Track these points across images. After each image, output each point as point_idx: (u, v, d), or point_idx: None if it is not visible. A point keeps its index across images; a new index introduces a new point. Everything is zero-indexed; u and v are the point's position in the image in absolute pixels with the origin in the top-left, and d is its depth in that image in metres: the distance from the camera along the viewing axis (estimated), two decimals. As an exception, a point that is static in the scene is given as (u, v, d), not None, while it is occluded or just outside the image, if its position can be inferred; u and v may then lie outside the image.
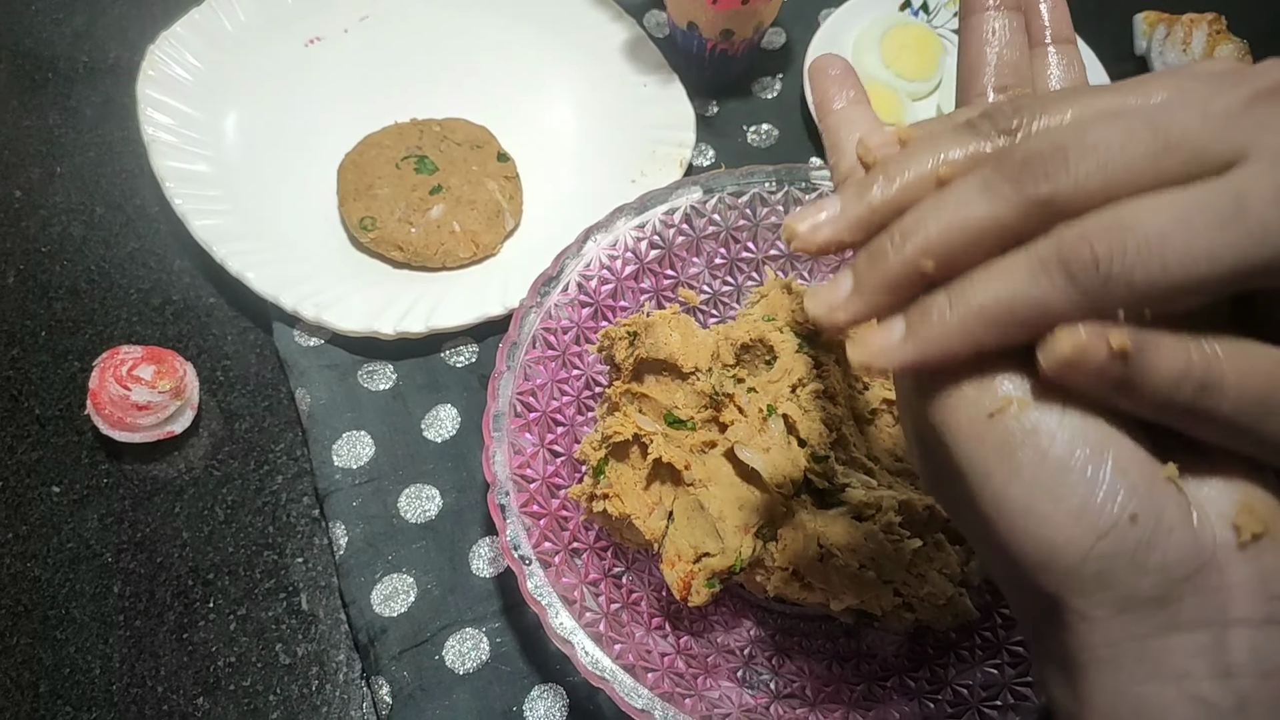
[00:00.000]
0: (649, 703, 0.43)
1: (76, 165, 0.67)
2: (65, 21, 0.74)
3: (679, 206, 0.57)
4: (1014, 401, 0.26)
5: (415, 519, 0.54)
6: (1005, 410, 0.26)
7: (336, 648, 0.52)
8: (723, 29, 0.67)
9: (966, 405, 0.27)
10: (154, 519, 0.55)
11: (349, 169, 0.63)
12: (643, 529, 0.47)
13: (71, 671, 0.51)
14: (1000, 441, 0.26)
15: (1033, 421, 0.26)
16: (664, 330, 0.49)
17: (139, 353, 0.55)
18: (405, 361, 0.59)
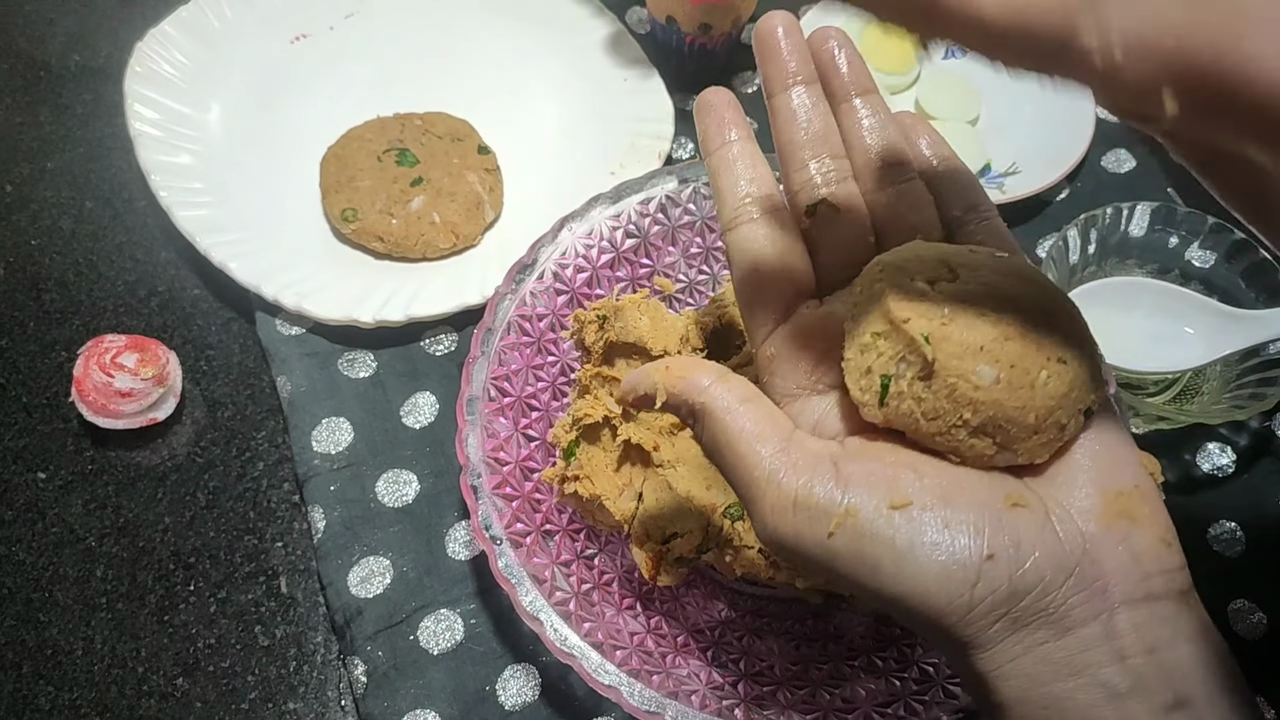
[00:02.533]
0: (616, 679, 0.43)
1: (66, 161, 0.69)
2: (57, 22, 0.75)
3: (654, 196, 0.58)
4: (844, 514, 0.28)
5: (392, 503, 0.55)
6: (842, 524, 0.28)
7: (314, 629, 0.53)
8: (701, 23, 0.68)
9: (809, 535, 0.29)
10: (137, 504, 0.56)
11: (331, 162, 0.64)
12: (613, 510, 0.48)
13: (54, 653, 0.52)
14: (850, 551, 0.29)
15: (868, 523, 0.28)
16: (633, 314, 0.49)
17: (123, 341, 0.56)
18: (385, 350, 0.60)
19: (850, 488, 0.29)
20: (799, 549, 0.29)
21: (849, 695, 0.47)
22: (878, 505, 0.28)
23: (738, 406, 0.31)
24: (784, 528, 0.29)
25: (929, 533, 0.28)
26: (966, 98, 0.72)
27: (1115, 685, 0.27)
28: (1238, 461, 0.59)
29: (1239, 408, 0.55)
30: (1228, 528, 0.57)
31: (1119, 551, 0.28)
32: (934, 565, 0.28)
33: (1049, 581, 0.28)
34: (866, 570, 0.28)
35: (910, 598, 0.28)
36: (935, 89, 0.73)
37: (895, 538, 0.28)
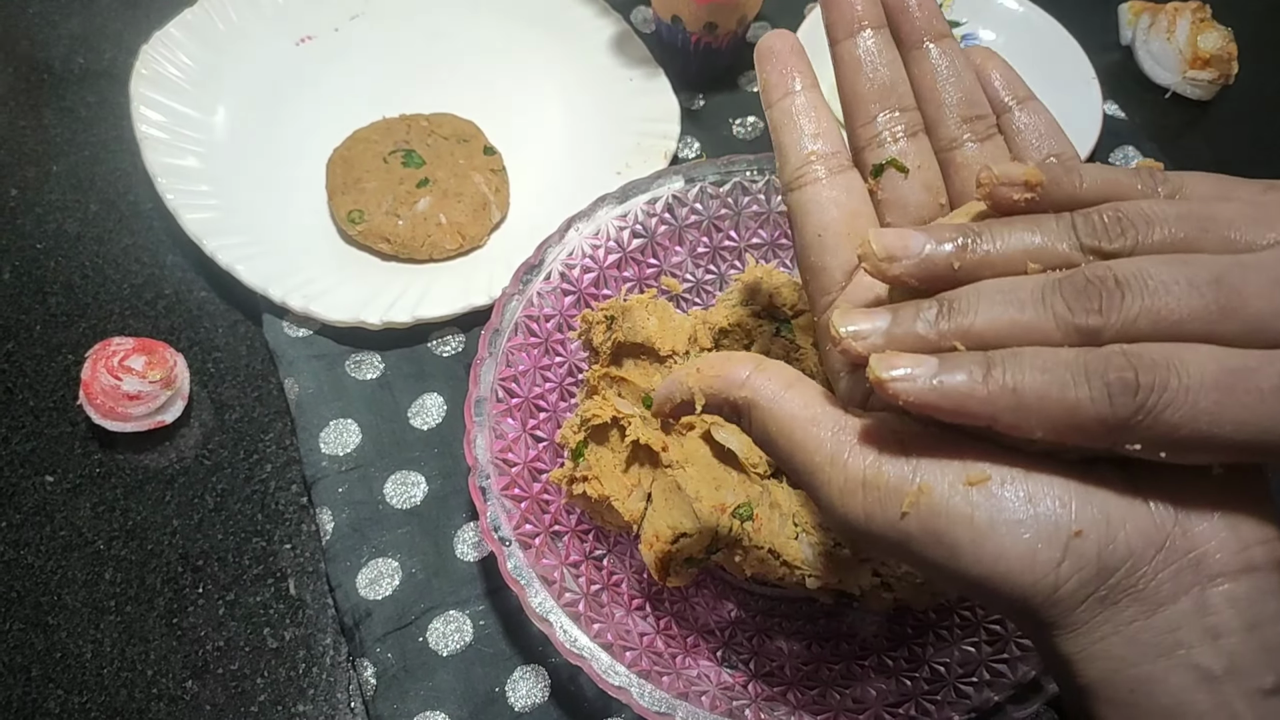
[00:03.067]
0: (626, 680, 0.43)
1: (71, 164, 0.69)
2: (61, 24, 0.75)
3: (661, 196, 0.58)
4: (918, 492, 0.27)
5: (401, 504, 0.55)
6: (916, 504, 0.27)
7: (323, 631, 0.53)
8: (706, 22, 0.68)
9: (880, 517, 0.28)
10: (145, 507, 0.56)
11: (337, 163, 0.64)
12: (622, 510, 0.48)
13: (63, 656, 0.52)
14: (926, 532, 0.27)
15: (943, 501, 0.27)
16: (641, 314, 0.49)
17: (130, 344, 0.56)
18: (392, 351, 0.60)
19: (921, 464, 0.27)
20: (871, 532, 0.28)
21: (860, 695, 0.47)
22: (953, 482, 0.27)
23: (783, 393, 0.30)
24: (854, 510, 0.28)
25: (1011, 509, 0.26)
26: (973, 95, 0.72)
27: (1209, 668, 0.26)
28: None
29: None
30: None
31: (1214, 521, 0.27)
32: (1018, 544, 0.26)
33: (1138, 557, 0.26)
34: (944, 552, 0.27)
35: (992, 579, 0.27)
36: (941, 87, 0.72)
37: (974, 515, 0.27)
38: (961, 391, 0.26)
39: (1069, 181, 0.29)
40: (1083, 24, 0.74)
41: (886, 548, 0.28)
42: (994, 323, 0.27)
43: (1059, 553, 0.26)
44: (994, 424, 0.26)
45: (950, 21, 0.75)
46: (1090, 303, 0.26)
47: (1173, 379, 0.25)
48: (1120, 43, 0.79)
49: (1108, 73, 0.74)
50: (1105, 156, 0.71)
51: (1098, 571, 0.26)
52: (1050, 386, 0.25)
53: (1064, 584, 0.26)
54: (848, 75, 0.35)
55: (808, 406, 0.30)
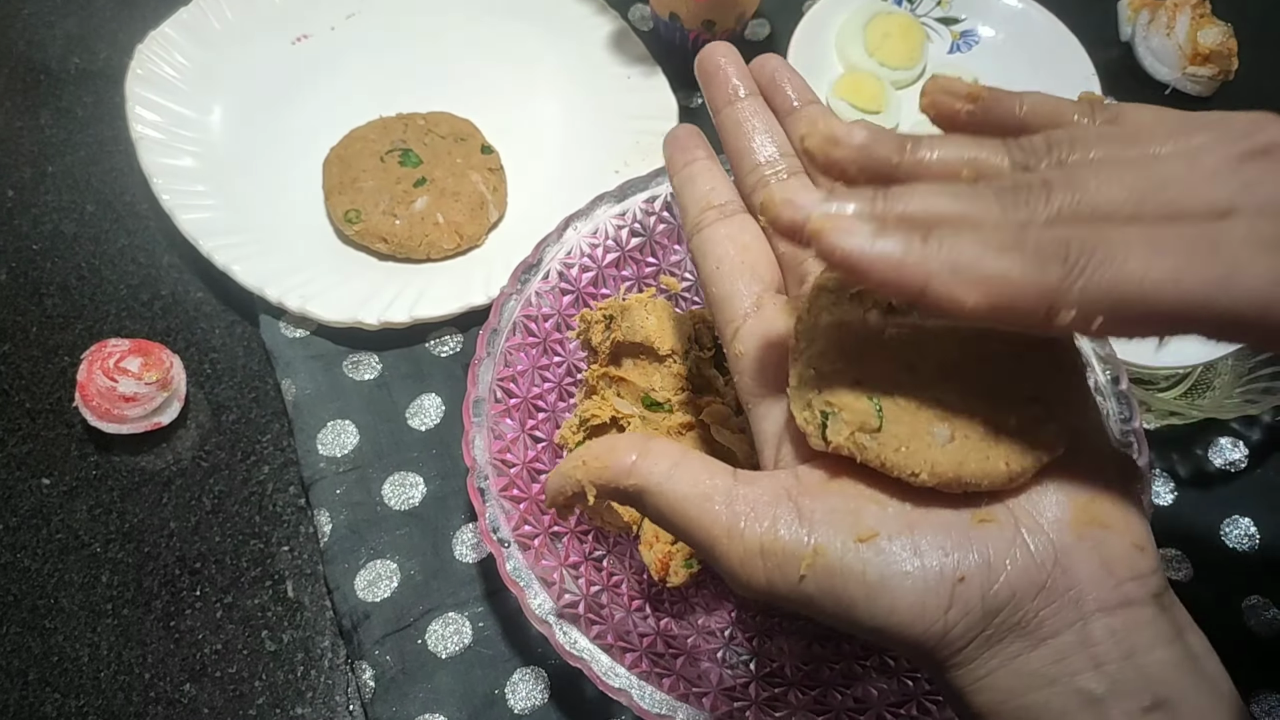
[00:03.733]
0: (626, 682, 0.43)
1: (67, 164, 0.68)
2: (57, 24, 0.75)
3: (660, 194, 0.57)
4: (812, 553, 0.28)
5: (399, 506, 0.54)
6: (813, 565, 0.28)
7: (321, 634, 0.52)
8: (704, 20, 0.67)
9: (781, 582, 0.29)
10: (142, 510, 0.56)
11: (334, 163, 0.64)
12: (621, 511, 0.48)
13: (60, 659, 0.51)
14: (823, 590, 0.29)
15: (837, 560, 0.28)
16: (640, 313, 0.49)
17: (126, 345, 0.56)
18: (390, 352, 0.60)
19: (815, 525, 0.29)
20: (774, 595, 0.29)
21: (861, 695, 0.47)
22: (844, 540, 0.28)
23: (671, 473, 0.31)
24: (756, 578, 0.29)
25: (898, 562, 0.28)
26: (972, 92, 0.71)
27: (1091, 690, 0.27)
28: (1250, 456, 0.58)
29: (1251, 402, 0.55)
30: (1241, 523, 0.56)
31: (1091, 560, 0.28)
32: (907, 595, 0.28)
33: (1020, 596, 0.28)
34: (842, 608, 0.28)
35: (887, 629, 0.28)
36: (941, 84, 0.72)
37: (866, 572, 0.28)
38: (899, 251, 0.26)
39: (1009, 102, 0.31)
40: (1082, 20, 0.74)
41: (792, 607, 0.29)
42: (928, 209, 0.27)
43: (945, 600, 0.28)
44: (926, 289, 0.26)
45: (950, 18, 0.75)
46: (1019, 197, 0.27)
47: (1100, 243, 0.25)
48: (1120, 39, 0.78)
49: (1107, 69, 0.74)
50: (1105, 153, 0.71)
51: (983, 614, 0.28)
52: (985, 252, 0.26)
53: (952, 628, 0.28)
54: (730, 136, 0.39)
55: (697, 483, 0.31)
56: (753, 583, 0.29)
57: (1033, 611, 0.28)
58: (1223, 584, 0.55)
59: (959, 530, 0.29)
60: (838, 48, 0.73)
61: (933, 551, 0.28)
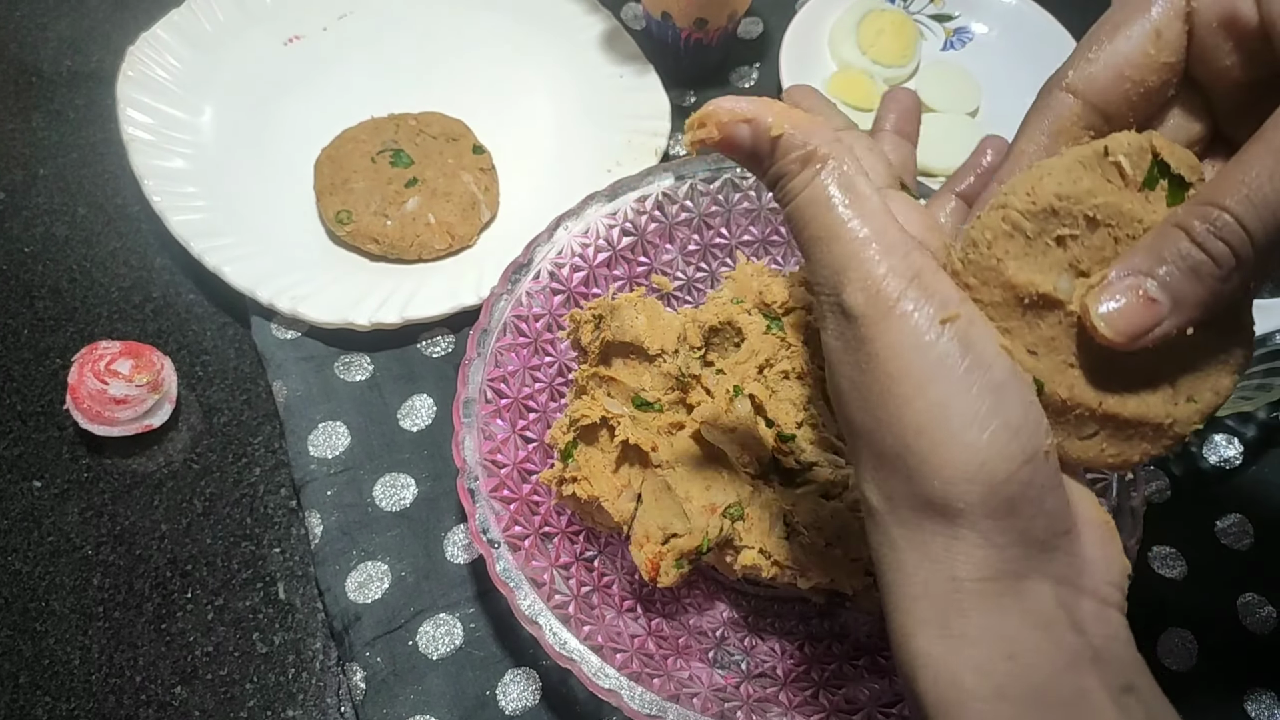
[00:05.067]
0: (616, 683, 0.43)
1: (59, 167, 0.68)
2: (49, 27, 0.75)
3: (651, 193, 0.57)
4: (960, 315, 0.27)
5: (390, 507, 0.54)
6: (954, 321, 0.27)
7: (313, 636, 0.52)
8: (696, 18, 0.67)
9: (915, 310, 0.27)
10: (133, 512, 0.55)
11: (325, 163, 0.64)
12: (612, 511, 0.47)
13: (51, 663, 0.51)
14: (942, 355, 0.26)
15: (978, 338, 0.27)
16: (630, 313, 0.49)
17: (117, 348, 0.56)
18: (382, 353, 0.60)
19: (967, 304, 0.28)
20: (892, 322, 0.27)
21: (852, 696, 0.46)
22: (990, 333, 0.28)
23: (859, 176, 0.28)
24: (893, 290, 0.27)
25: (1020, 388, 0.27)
26: (966, 90, 0.71)
27: (1078, 652, 0.27)
28: (1245, 453, 0.58)
29: (1246, 399, 0.54)
30: (1236, 520, 0.56)
31: (1094, 549, 0.29)
32: (1014, 416, 0.27)
33: (1053, 522, 0.27)
34: (942, 383, 0.26)
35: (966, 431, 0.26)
36: (935, 81, 0.72)
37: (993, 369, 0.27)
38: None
39: None
40: (1077, 16, 0.74)
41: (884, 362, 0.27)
42: None
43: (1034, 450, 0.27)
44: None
45: (944, 15, 0.75)
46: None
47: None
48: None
49: (1102, 65, 0.74)
50: (1100, 150, 0.71)
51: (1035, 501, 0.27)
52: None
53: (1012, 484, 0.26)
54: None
55: (872, 197, 0.28)
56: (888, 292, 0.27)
57: (1054, 545, 0.28)
58: (1218, 582, 0.54)
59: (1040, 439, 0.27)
60: (831, 45, 0.73)
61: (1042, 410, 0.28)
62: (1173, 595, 0.53)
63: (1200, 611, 0.53)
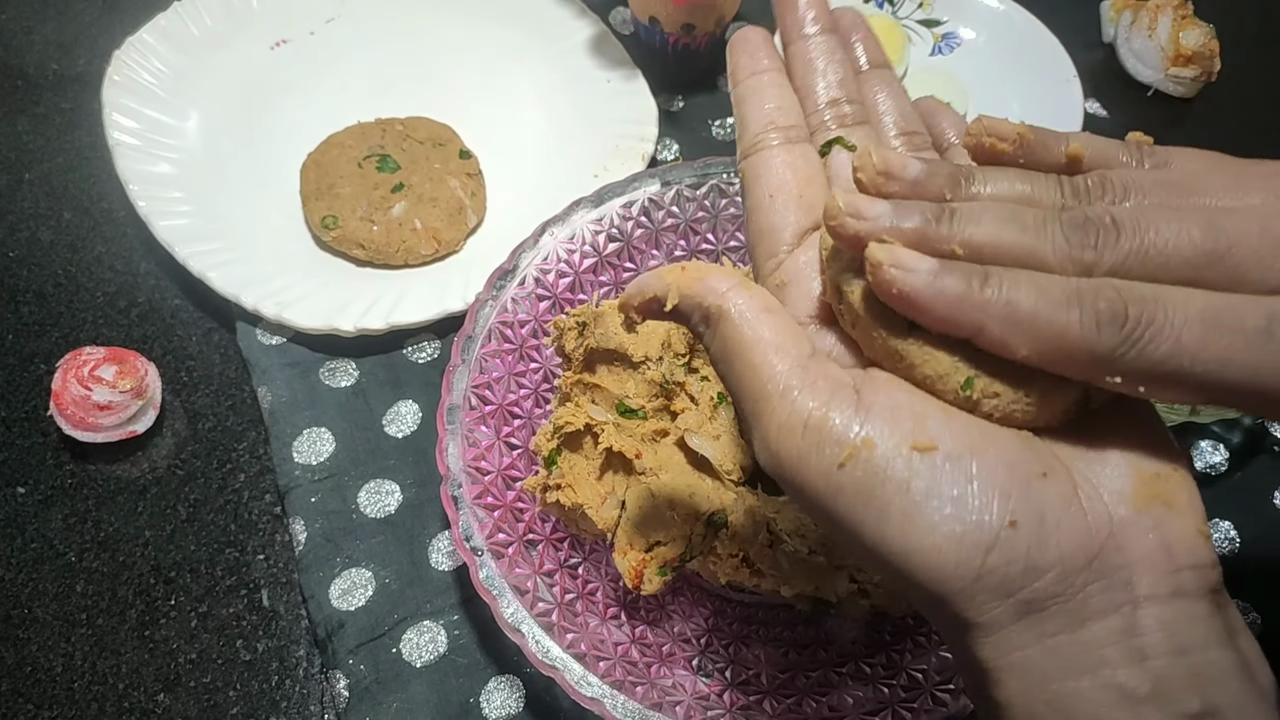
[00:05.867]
0: (599, 691, 0.43)
1: (45, 171, 0.68)
2: (35, 30, 0.75)
3: (637, 199, 0.57)
4: (859, 445, 0.26)
5: (375, 514, 0.54)
6: (855, 457, 0.26)
7: (297, 643, 0.52)
8: (683, 23, 0.67)
9: (815, 463, 0.27)
10: (117, 518, 0.55)
11: (311, 169, 0.63)
12: (596, 519, 0.47)
13: (33, 670, 0.51)
14: (859, 489, 0.26)
15: (884, 460, 0.26)
16: (614, 320, 0.49)
17: (101, 353, 0.56)
18: (367, 359, 0.59)
19: (871, 418, 0.26)
20: (801, 476, 0.27)
21: (836, 703, 0.46)
22: (899, 443, 0.26)
23: (759, 314, 0.29)
24: (788, 449, 0.27)
25: (950, 483, 0.26)
26: (954, 95, 0.71)
27: (1133, 689, 0.25)
28: (1231, 459, 0.58)
29: (1230, 405, 0.54)
30: (1221, 527, 0.56)
31: (1149, 539, 0.26)
32: (950, 520, 0.25)
33: (1068, 563, 0.25)
34: (872, 515, 0.26)
35: (916, 554, 0.26)
36: (922, 87, 0.72)
37: (912, 482, 0.26)
38: (957, 294, 0.26)
39: (1055, 143, 0.30)
40: (1064, 22, 0.74)
41: (813, 497, 0.27)
42: (995, 238, 0.27)
43: (989, 538, 0.25)
44: (980, 334, 0.26)
45: (931, 20, 0.75)
46: (1087, 237, 0.26)
47: (1159, 313, 0.25)
48: (1102, 40, 0.78)
49: (1089, 71, 0.74)
50: (1087, 155, 0.71)
51: (1025, 569, 0.25)
52: (1043, 306, 0.25)
53: (988, 575, 0.25)
54: (799, 71, 0.36)
55: (778, 334, 0.28)
56: (783, 454, 0.27)
57: (1079, 585, 0.25)
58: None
59: (1022, 474, 0.26)
60: (819, 50, 0.73)
61: (990, 485, 0.26)
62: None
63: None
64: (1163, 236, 0.26)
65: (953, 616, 0.26)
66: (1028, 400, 0.27)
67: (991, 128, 0.30)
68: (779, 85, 0.35)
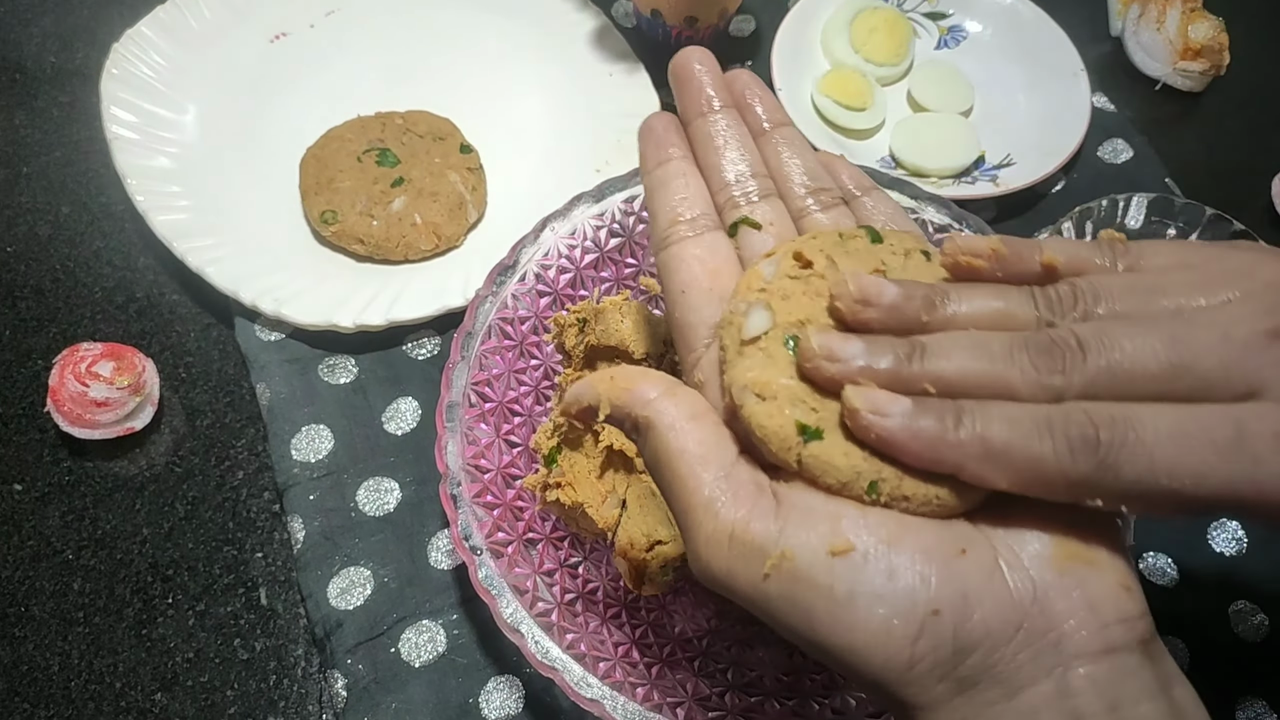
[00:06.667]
0: (599, 692, 0.42)
1: (43, 165, 0.68)
2: (33, 22, 0.74)
3: (639, 194, 0.56)
4: (781, 557, 0.27)
5: (374, 512, 0.54)
6: (778, 568, 0.27)
7: (295, 642, 0.52)
8: (686, 15, 0.67)
9: (743, 575, 0.27)
10: (115, 516, 0.55)
11: (310, 163, 0.63)
12: (596, 518, 0.47)
13: (30, 669, 0.51)
14: (785, 597, 0.27)
15: (805, 568, 0.27)
16: (614, 316, 0.48)
17: (98, 349, 0.55)
18: (367, 355, 0.59)
19: (789, 526, 0.27)
20: (732, 588, 0.28)
21: (840, 706, 0.46)
22: (816, 549, 0.27)
23: (683, 424, 0.30)
24: (717, 563, 0.28)
25: (871, 582, 0.26)
26: (959, 89, 0.71)
27: None
28: (1239, 458, 0.57)
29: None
30: (1229, 527, 0.55)
31: (1074, 600, 0.27)
32: (874, 619, 0.26)
33: (996, 636, 0.26)
34: (801, 619, 0.27)
35: (846, 651, 0.27)
36: (927, 80, 0.71)
37: (834, 586, 0.26)
38: (933, 436, 0.27)
39: (1029, 254, 0.30)
40: (1071, 15, 0.73)
41: (746, 605, 0.28)
42: (964, 371, 0.28)
43: (915, 629, 0.26)
44: (960, 471, 0.27)
45: (937, 13, 0.74)
46: (1054, 362, 0.27)
47: (1130, 434, 0.25)
48: (1110, 34, 0.77)
49: (1097, 64, 0.73)
50: (1093, 149, 0.70)
51: (954, 651, 0.26)
52: (1016, 439, 0.26)
53: (919, 662, 0.26)
54: (701, 150, 0.37)
55: (702, 444, 0.29)
56: (712, 567, 0.28)
57: (1009, 655, 0.26)
58: (1210, 589, 0.54)
59: (941, 557, 0.27)
60: (823, 44, 0.72)
61: (909, 576, 0.26)
62: (1164, 602, 0.53)
63: (1191, 619, 0.53)
64: (1128, 353, 0.27)
65: (895, 700, 0.27)
66: (939, 499, 0.28)
67: (966, 246, 0.30)
68: (684, 174, 0.36)
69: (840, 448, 0.28)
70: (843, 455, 0.28)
